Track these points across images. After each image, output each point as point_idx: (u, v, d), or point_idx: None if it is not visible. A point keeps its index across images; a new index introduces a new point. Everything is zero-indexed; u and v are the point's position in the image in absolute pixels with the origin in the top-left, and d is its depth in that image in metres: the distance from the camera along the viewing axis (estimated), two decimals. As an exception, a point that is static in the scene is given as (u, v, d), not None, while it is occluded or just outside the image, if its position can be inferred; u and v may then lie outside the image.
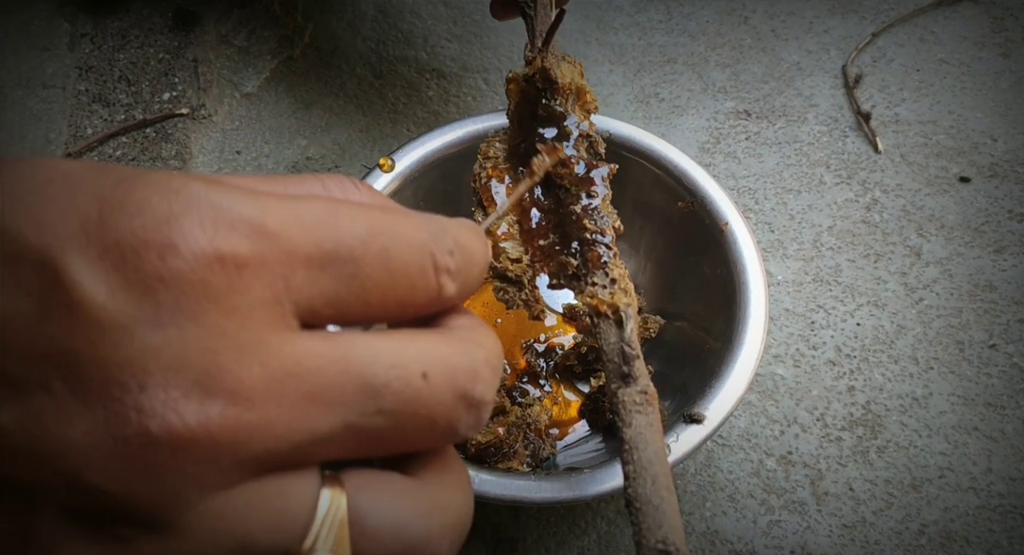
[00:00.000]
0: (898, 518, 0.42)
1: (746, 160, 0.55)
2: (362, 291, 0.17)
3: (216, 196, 0.16)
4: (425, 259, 0.18)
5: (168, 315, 0.15)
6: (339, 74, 0.60)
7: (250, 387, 0.16)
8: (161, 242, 0.15)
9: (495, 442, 0.39)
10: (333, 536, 0.17)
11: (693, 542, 0.42)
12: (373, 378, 0.17)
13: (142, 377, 0.15)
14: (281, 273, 0.16)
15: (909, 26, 0.61)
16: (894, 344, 0.47)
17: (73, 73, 0.60)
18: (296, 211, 0.17)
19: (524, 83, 0.33)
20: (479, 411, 0.19)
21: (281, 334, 0.16)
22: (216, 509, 0.16)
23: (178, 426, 0.15)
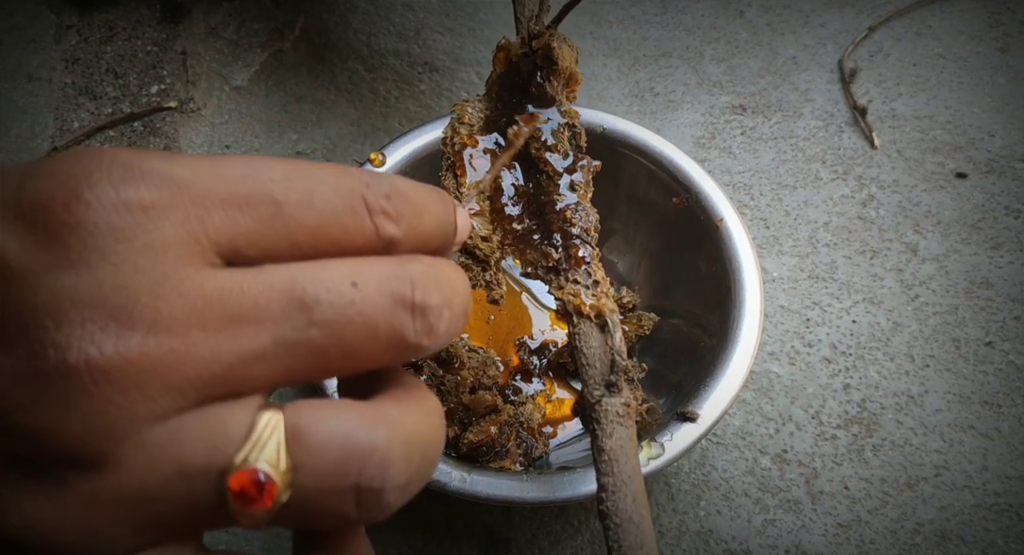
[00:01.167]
0: (893, 517, 0.42)
1: (741, 155, 0.55)
2: (287, 231, 0.17)
3: (128, 156, 0.17)
4: (355, 200, 0.18)
5: (77, 257, 0.15)
6: (330, 68, 0.59)
7: (169, 316, 0.16)
8: (67, 195, 0.16)
9: (487, 441, 0.39)
10: (269, 449, 0.16)
11: (687, 541, 0.42)
12: (300, 292, 0.17)
13: (57, 316, 0.15)
14: (195, 214, 0.17)
15: (906, 20, 0.60)
16: (890, 341, 0.47)
17: (59, 65, 0.59)
18: (212, 164, 0.17)
19: (520, 56, 0.32)
20: (425, 316, 0.18)
21: (199, 268, 0.16)
22: (152, 439, 0.16)
23: (96, 357, 0.15)
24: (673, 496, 0.43)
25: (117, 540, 0.16)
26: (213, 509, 0.16)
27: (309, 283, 0.17)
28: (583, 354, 0.28)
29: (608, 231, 0.49)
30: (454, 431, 0.40)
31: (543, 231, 0.31)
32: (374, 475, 0.17)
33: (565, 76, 0.32)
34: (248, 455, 0.16)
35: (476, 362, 0.42)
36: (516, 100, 0.32)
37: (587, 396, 0.27)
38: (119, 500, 0.16)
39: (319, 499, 0.17)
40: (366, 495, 0.17)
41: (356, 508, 0.17)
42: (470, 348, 0.44)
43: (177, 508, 0.16)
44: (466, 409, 0.40)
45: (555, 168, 0.31)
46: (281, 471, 0.16)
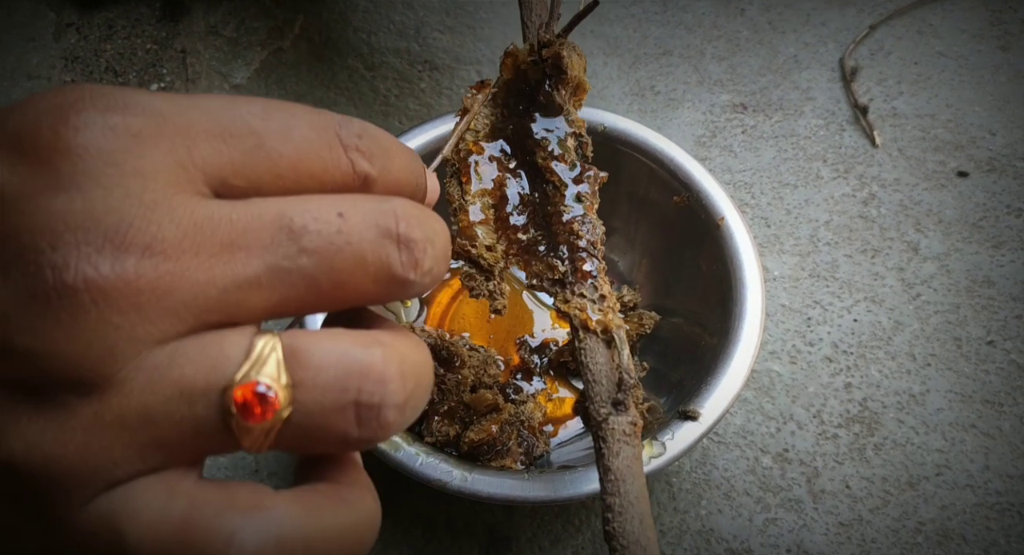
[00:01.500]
0: (895, 516, 0.42)
1: (742, 154, 0.55)
2: (269, 162, 0.18)
3: (109, 89, 0.17)
4: (330, 136, 0.19)
5: (68, 180, 0.16)
6: (330, 66, 0.59)
7: (163, 240, 0.16)
8: (54, 121, 0.16)
9: (488, 440, 0.39)
10: (269, 367, 0.17)
11: (688, 540, 0.42)
12: (289, 221, 0.17)
13: (52, 238, 0.15)
14: (181, 143, 0.17)
15: (907, 19, 0.60)
16: (891, 340, 0.47)
17: (59, 64, 0.59)
18: (192, 100, 0.18)
19: (529, 63, 0.32)
20: (411, 249, 0.18)
21: (189, 196, 0.17)
22: (152, 361, 0.16)
23: (95, 277, 0.15)
24: (674, 495, 0.43)
25: (120, 463, 0.16)
26: (215, 430, 0.16)
27: (297, 213, 0.17)
28: (589, 370, 0.28)
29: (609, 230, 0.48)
30: (455, 430, 0.40)
31: (549, 242, 0.30)
32: (373, 390, 0.17)
33: (573, 85, 0.32)
34: (248, 372, 0.16)
35: (477, 361, 0.42)
36: (523, 107, 0.32)
37: (593, 413, 0.27)
38: (121, 422, 0.16)
39: (320, 416, 0.17)
40: (366, 411, 0.17)
41: (356, 426, 0.17)
42: (471, 347, 0.44)
43: (180, 430, 0.16)
44: (467, 408, 0.40)
45: (561, 178, 0.31)
46: (282, 385, 0.16)
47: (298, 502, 0.18)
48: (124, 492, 0.16)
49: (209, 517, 0.16)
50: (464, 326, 0.48)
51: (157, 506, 0.16)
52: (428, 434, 0.39)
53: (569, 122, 0.32)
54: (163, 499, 0.16)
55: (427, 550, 0.42)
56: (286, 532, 0.17)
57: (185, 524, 0.16)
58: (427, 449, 0.37)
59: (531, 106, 0.32)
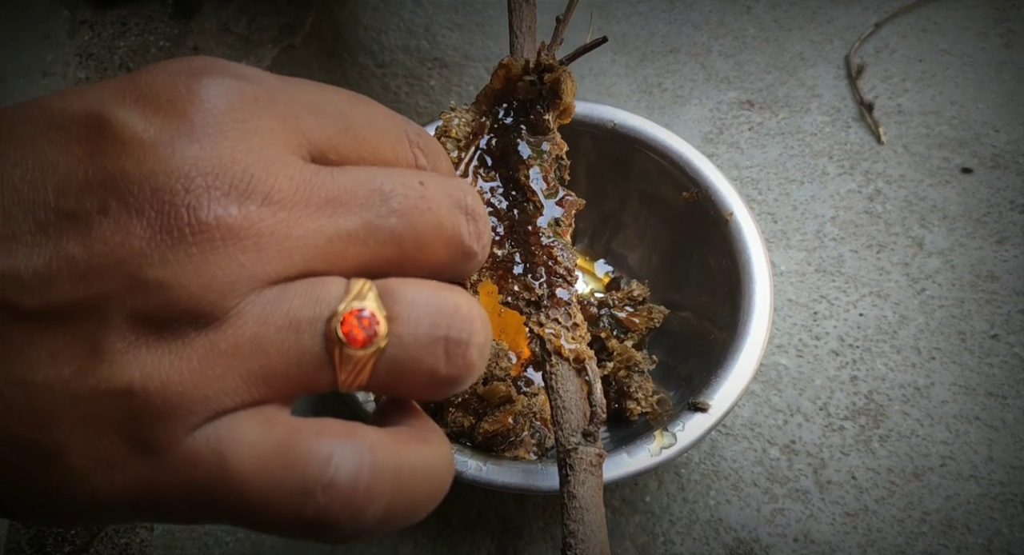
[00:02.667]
0: (900, 506, 0.43)
1: (749, 150, 0.55)
2: (356, 144, 0.20)
3: (222, 61, 0.19)
4: (400, 131, 0.21)
5: (200, 131, 0.17)
6: (341, 63, 0.60)
7: (280, 191, 0.18)
8: (188, 80, 0.18)
9: (502, 431, 0.40)
10: (368, 300, 0.18)
11: (697, 530, 0.42)
12: (380, 185, 0.19)
13: (186, 181, 0.17)
14: (291, 113, 0.19)
15: (912, 16, 0.61)
16: (896, 334, 0.48)
17: (73, 61, 0.59)
18: (291, 81, 0.20)
19: (526, 82, 0.32)
20: (476, 222, 0.21)
21: (297, 158, 0.19)
22: (265, 296, 0.17)
23: (225, 217, 0.17)
24: (683, 486, 0.44)
25: (228, 392, 0.17)
26: (318, 360, 0.18)
27: (386, 178, 0.19)
28: (559, 397, 0.29)
29: (619, 225, 0.49)
30: (469, 421, 0.40)
31: (526, 261, 0.30)
32: (462, 327, 0.18)
33: (562, 109, 0.33)
34: (351, 304, 0.18)
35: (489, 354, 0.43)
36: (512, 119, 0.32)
37: (562, 440, 0.28)
38: (234, 351, 0.17)
39: (414, 348, 0.18)
40: (454, 347, 0.18)
41: (445, 361, 0.18)
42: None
43: (286, 359, 0.17)
44: (481, 400, 0.41)
45: (541, 200, 0.31)
46: (382, 315, 0.18)
47: (388, 435, 0.19)
48: (228, 421, 0.17)
49: (308, 441, 0.17)
50: (475, 320, 0.48)
51: (259, 431, 0.17)
52: (443, 425, 0.40)
53: (553, 144, 0.32)
54: (264, 426, 0.17)
55: (441, 539, 0.42)
56: (379, 459, 0.18)
57: (285, 447, 0.17)
58: (442, 440, 0.37)
59: (519, 121, 0.32)
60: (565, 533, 0.26)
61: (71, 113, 0.17)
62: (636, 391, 0.42)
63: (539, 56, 0.31)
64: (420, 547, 0.42)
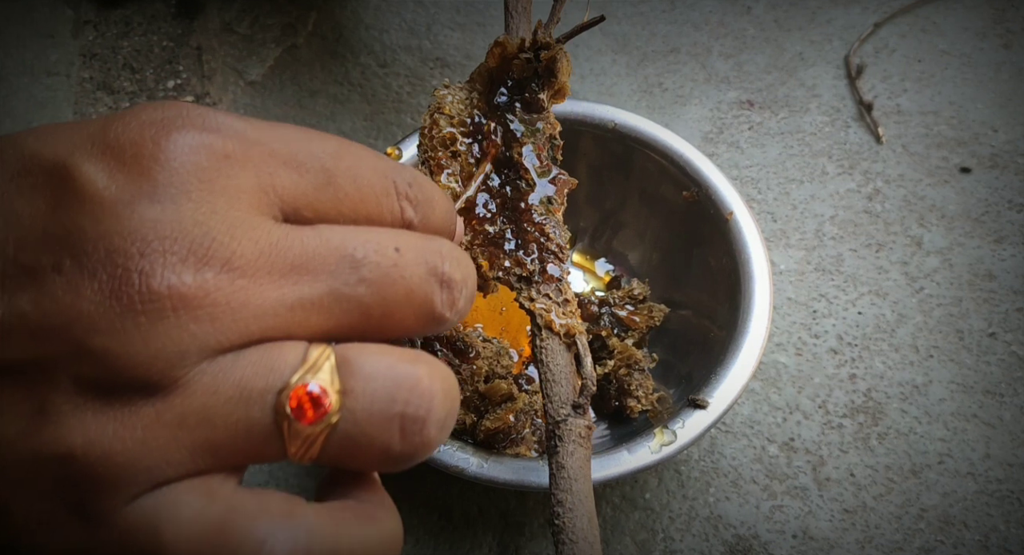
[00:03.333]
0: (898, 503, 0.43)
1: (749, 150, 0.56)
2: (336, 201, 0.19)
3: (203, 108, 0.18)
4: (387, 183, 0.20)
5: (163, 191, 0.17)
6: (343, 63, 0.60)
7: (242, 256, 0.17)
8: (155, 134, 0.17)
9: (503, 428, 0.40)
10: (323, 373, 0.17)
11: (697, 527, 0.43)
12: (353, 250, 0.18)
13: (142, 244, 0.16)
14: (265, 169, 0.18)
15: (911, 17, 0.61)
16: (895, 333, 0.48)
17: (77, 60, 0.60)
18: (273, 128, 0.19)
19: (522, 60, 0.32)
20: (451, 290, 0.20)
21: (267, 218, 0.18)
22: (216, 366, 0.17)
23: (178, 285, 0.16)
24: (683, 483, 0.44)
25: (172, 463, 0.17)
26: (267, 433, 0.17)
27: (359, 243, 0.19)
28: (549, 370, 0.29)
29: (619, 224, 0.50)
30: (471, 418, 0.41)
31: (517, 238, 0.30)
32: (419, 404, 0.18)
33: (557, 88, 0.33)
34: (304, 376, 0.17)
35: (490, 352, 0.43)
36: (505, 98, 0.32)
37: (552, 412, 0.28)
38: (180, 422, 0.17)
39: (367, 424, 0.18)
40: (411, 424, 0.18)
41: (400, 438, 0.18)
42: (484, 338, 0.45)
43: (234, 431, 0.17)
44: (482, 397, 0.41)
45: (534, 177, 0.31)
46: (335, 390, 0.17)
47: (328, 514, 0.18)
48: (168, 492, 0.17)
49: (244, 522, 0.17)
50: (477, 318, 0.49)
51: (196, 507, 0.17)
52: (444, 422, 0.41)
53: (547, 123, 0.32)
54: (203, 501, 0.17)
55: (443, 535, 0.43)
56: (315, 542, 0.17)
57: (221, 527, 0.17)
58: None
59: (514, 99, 0.32)
60: (553, 503, 0.26)
61: (40, 160, 0.17)
62: (636, 389, 0.43)
63: (536, 34, 0.31)
64: (421, 544, 0.43)
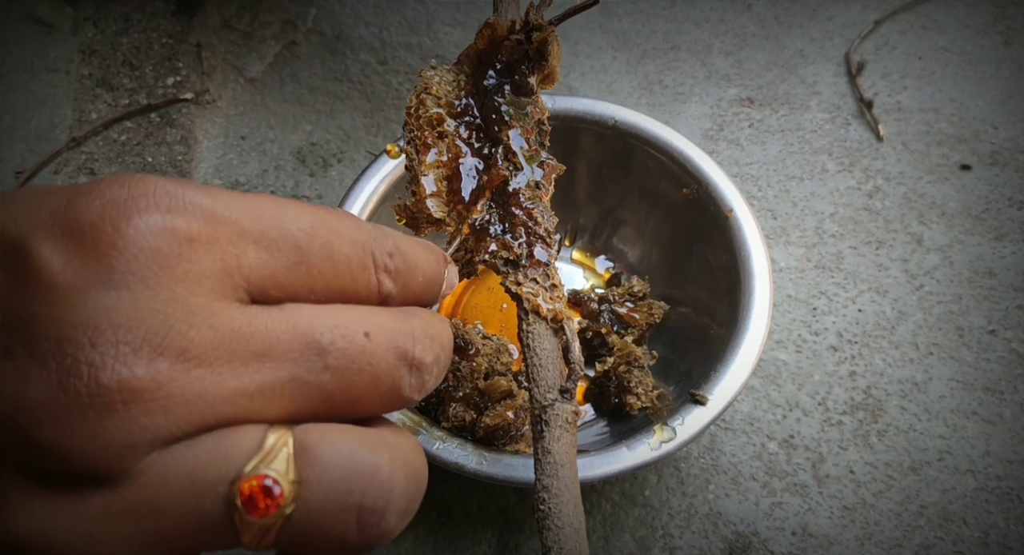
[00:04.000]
0: (898, 500, 0.43)
1: (749, 147, 0.56)
2: (308, 278, 0.19)
3: (171, 186, 0.17)
4: (366, 256, 0.20)
5: (119, 278, 0.16)
6: (343, 60, 0.60)
7: (199, 345, 0.16)
8: (116, 216, 0.16)
9: (503, 425, 0.40)
10: (279, 461, 0.17)
11: (697, 523, 0.43)
12: (319, 336, 0.18)
13: (94, 334, 0.16)
14: (232, 250, 0.18)
15: (911, 14, 0.61)
16: (895, 330, 0.48)
17: (76, 57, 0.60)
18: (246, 203, 0.18)
19: (513, 41, 0.31)
20: (421, 373, 0.19)
21: (229, 303, 0.17)
22: (168, 456, 0.16)
23: (129, 378, 0.16)
24: (683, 480, 0.44)
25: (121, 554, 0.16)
26: (219, 524, 0.17)
27: (327, 328, 0.18)
28: (536, 354, 0.29)
29: (619, 221, 0.50)
30: (471, 416, 0.41)
31: (504, 222, 0.30)
32: (378, 495, 0.18)
33: (546, 72, 0.32)
34: (257, 466, 0.17)
35: (490, 349, 0.43)
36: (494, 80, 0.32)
37: (538, 397, 0.28)
38: (128, 514, 0.16)
39: (322, 516, 0.17)
40: (368, 515, 0.17)
41: (357, 530, 0.17)
42: (484, 335, 0.45)
43: (185, 523, 0.16)
44: (482, 394, 0.41)
45: (521, 161, 0.31)
46: (289, 481, 0.17)
47: None
48: None
49: None
50: (477, 315, 0.49)
51: None
52: (444, 419, 0.41)
53: (535, 107, 0.32)
54: None
55: (442, 532, 0.43)
56: None
57: None
58: (444, 434, 0.38)
59: (503, 82, 0.31)
60: (538, 488, 0.26)
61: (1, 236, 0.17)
62: (636, 386, 0.43)
63: (528, 15, 0.31)
64: (421, 541, 0.43)
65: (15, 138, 0.56)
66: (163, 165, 0.55)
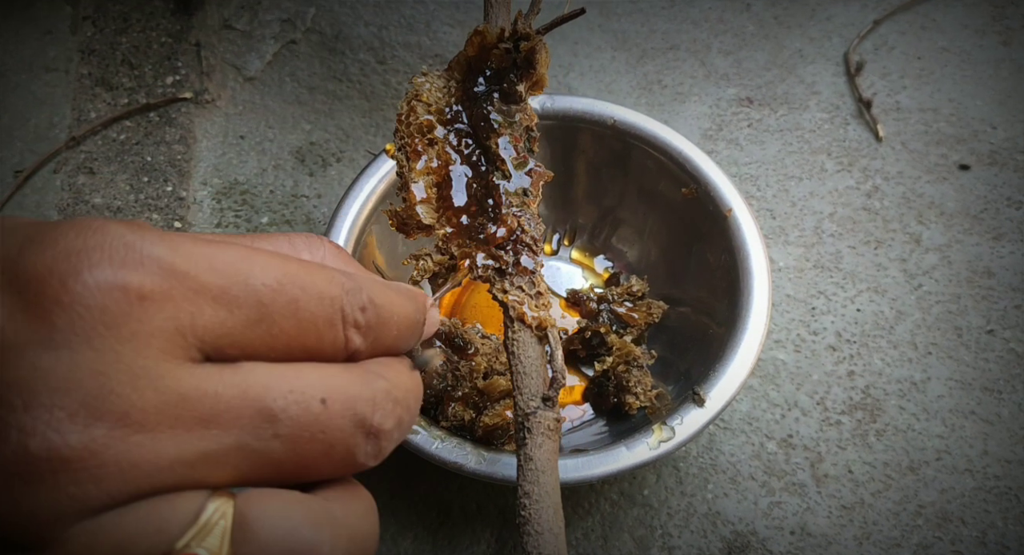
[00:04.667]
0: (896, 499, 0.43)
1: (748, 147, 0.56)
2: (268, 337, 0.18)
3: (131, 236, 0.17)
4: (334, 312, 0.19)
5: (62, 338, 0.15)
6: (342, 59, 0.60)
7: (142, 410, 0.16)
8: (65, 270, 0.16)
9: (502, 424, 0.40)
10: (213, 537, 0.16)
11: (695, 523, 0.43)
12: (271, 403, 0.17)
13: (28, 396, 0.15)
14: (186, 309, 0.17)
15: (911, 14, 0.61)
16: (893, 330, 0.48)
17: (75, 56, 0.59)
18: (209, 256, 0.17)
19: (502, 50, 0.31)
20: (378, 440, 0.19)
21: (180, 363, 0.17)
22: (96, 526, 0.16)
23: (59, 446, 0.15)
24: (681, 479, 0.44)
25: None
26: None
27: (281, 394, 0.17)
28: (520, 362, 0.29)
29: (618, 221, 0.50)
30: (470, 415, 0.41)
31: None
32: None
33: (535, 80, 0.33)
34: (190, 541, 0.16)
35: (489, 348, 0.43)
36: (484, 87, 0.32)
37: (522, 404, 0.28)
38: None
39: None
40: None
41: None
42: (483, 335, 0.45)
43: None
44: (481, 394, 0.41)
45: (510, 169, 0.31)
46: None
47: None
48: None
49: None
50: (476, 315, 0.49)
51: None
52: (443, 419, 0.41)
53: (524, 115, 0.32)
54: None
55: (441, 532, 0.43)
56: None
57: None
58: (443, 433, 0.38)
59: (492, 89, 0.31)
60: (520, 494, 0.26)
61: None
62: (635, 386, 0.43)
63: (516, 24, 0.31)
64: (420, 540, 0.43)
65: (14, 137, 0.56)
66: (162, 164, 0.55)
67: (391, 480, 0.44)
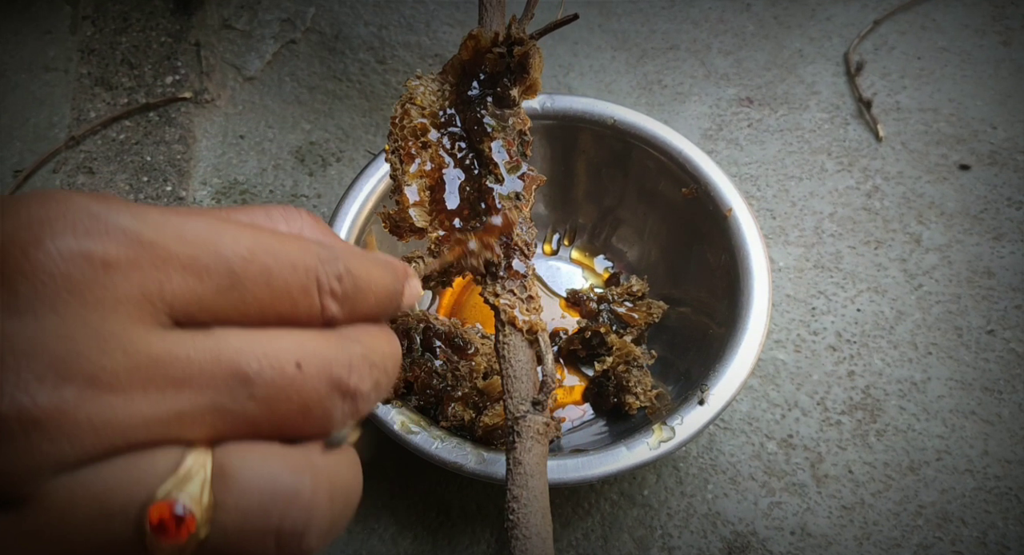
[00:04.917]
0: (896, 500, 0.43)
1: (748, 147, 0.56)
2: (241, 304, 0.18)
3: (96, 207, 0.17)
4: (309, 280, 0.19)
5: (26, 304, 0.16)
6: (342, 59, 0.60)
7: (112, 372, 0.16)
8: (26, 239, 0.16)
9: (502, 425, 0.40)
10: (193, 485, 0.17)
11: (695, 523, 0.43)
12: (245, 366, 0.17)
13: None
14: (154, 276, 0.17)
15: (911, 14, 0.61)
16: (894, 330, 0.48)
17: (75, 56, 0.59)
18: (177, 226, 0.17)
19: (495, 54, 0.31)
20: (355, 401, 0.19)
21: (149, 328, 0.17)
22: (74, 481, 0.16)
23: (28, 406, 0.15)
24: (681, 479, 0.44)
25: None
26: (129, 547, 0.16)
27: (255, 358, 0.17)
28: (511, 365, 0.29)
29: (618, 221, 0.50)
30: (469, 415, 0.41)
31: None
32: (297, 518, 0.17)
33: (528, 84, 0.33)
34: (171, 490, 0.16)
35: (489, 348, 0.43)
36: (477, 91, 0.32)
37: (512, 408, 0.28)
38: (34, 537, 0.16)
39: (239, 540, 0.17)
40: (287, 538, 0.17)
41: (276, 551, 0.17)
42: (483, 335, 0.45)
43: (94, 546, 0.16)
44: (480, 393, 0.41)
45: (503, 172, 0.31)
46: (203, 507, 0.16)
47: None
48: None
49: None
50: (476, 315, 0.49)
51: None
52: (443, 419, 0.41)
53: (517, 119, 0.32)
54: None
55: (441, 532, 0.43)
56: None
57: None
58: (443, 433, 0.38)
59: (486, 93, 0.32)
60: (508, 498, 0.26)
61: None
62: (635, 386, 0.43)
63: (509, 29, 0.31)
64: (420, 540, 0.43)
65: (14, 137, 0.56)
66: (162, 164, 0.55)
67: (391, 480, 0.44)
